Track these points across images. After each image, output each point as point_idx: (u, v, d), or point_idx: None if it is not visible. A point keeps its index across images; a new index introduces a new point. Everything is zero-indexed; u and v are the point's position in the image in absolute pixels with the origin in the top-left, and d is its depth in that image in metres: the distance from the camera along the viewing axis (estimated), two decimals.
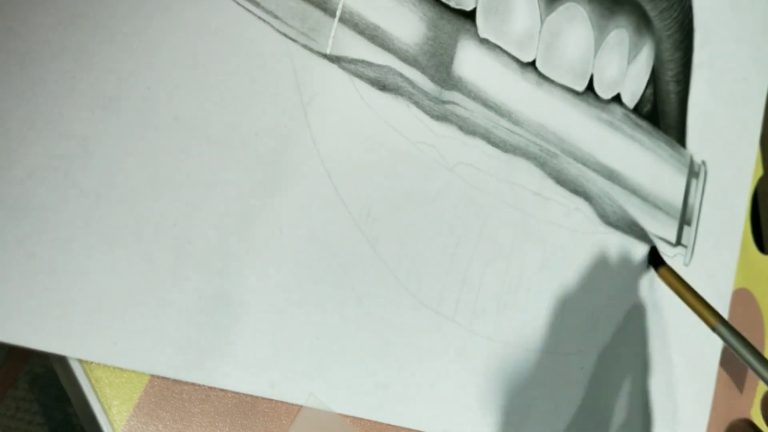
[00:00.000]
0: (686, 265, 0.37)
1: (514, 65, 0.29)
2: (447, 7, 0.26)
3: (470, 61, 0.27)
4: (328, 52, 0.23)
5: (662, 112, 0.36)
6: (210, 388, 0.21)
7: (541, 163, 0.30)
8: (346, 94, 0.24)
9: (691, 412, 0.37)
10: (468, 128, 0.27)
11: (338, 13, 0.23)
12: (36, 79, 0.18)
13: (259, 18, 0.21)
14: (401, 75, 0.25)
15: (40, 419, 0.30)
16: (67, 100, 0.18)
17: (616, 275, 0.33)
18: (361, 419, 0.24)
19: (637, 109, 0.34)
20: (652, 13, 0.34)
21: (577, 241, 0.31)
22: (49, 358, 0.19)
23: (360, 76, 0.24)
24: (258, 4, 0.21)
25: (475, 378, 0.27)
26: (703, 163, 0.38)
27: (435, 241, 0.26)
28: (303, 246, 0.23)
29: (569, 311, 0.31)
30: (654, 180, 0.35)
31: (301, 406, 0.23)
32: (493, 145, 0.28)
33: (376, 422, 0.24)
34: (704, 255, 0.38)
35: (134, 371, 0.19)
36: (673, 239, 0.36)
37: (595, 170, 0.32)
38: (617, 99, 0.33)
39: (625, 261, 0.34)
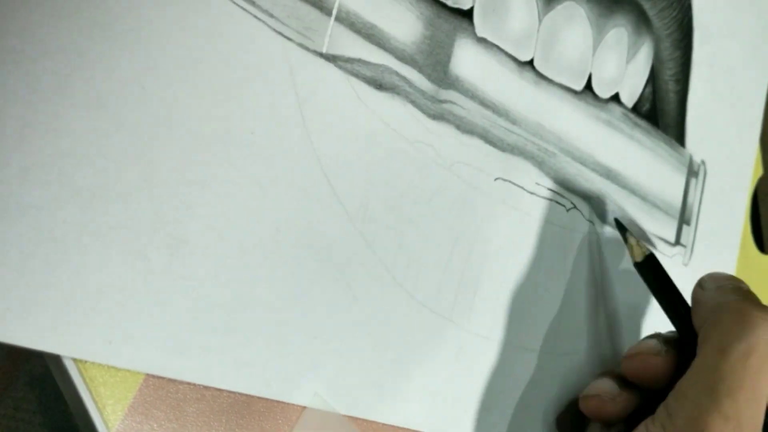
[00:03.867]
0: (685, 264, 0.37)
1: (512, 64, 0.29)
2: (444, 5, 0.26)
3: (467, 60, 0.27)
4: (324, 51, 0.23)
5: (661, 111, 0.36)
6: (205, 387, 0.21)
7: (539, 162, 0.30)
8: (343, 93, 0.24)
9: None
10: (465, 127, 0.27)
11: (334, 11, 0.23)
12: (30, 78, 0.18)
13: (255, 17, 0.21)
14: (398, 74, 0.25)
15: (40, 419, 0.30)
16: (62, 98, 0.18)
17: (616, 275, 0.33)
18: (357, 419, 0.24)
19: (635, 108, 0.34)
20: (651, 12, 0.34)
21: (575, 240, 0.31)
22: (45, 357, 0.19)
23: (356, 75, 0.24)
24: (254, 3, 0.21)
25: (472, 377, 0.27)
26: (703, 162, 0.38)
27: (432, 240, 0.26)
28: (299, 245, 0.23)
29: (567, 311, 0.31)
30: (653, 179, 0.35)
31: (305, 408, 0.23)
32: (490, 144, 0.28)
33: (372, 422, 0.24)
34: (704, 255, 0.38)
35: (129, 370, 0.19)
36: (672, 239, 0.36)
37: (593, 169, 0.32)
38: (616, 98, 0.33)
39: (624, 260, 0.34)
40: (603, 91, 0.32)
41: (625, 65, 0.33)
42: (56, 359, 0.19)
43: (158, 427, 0.20)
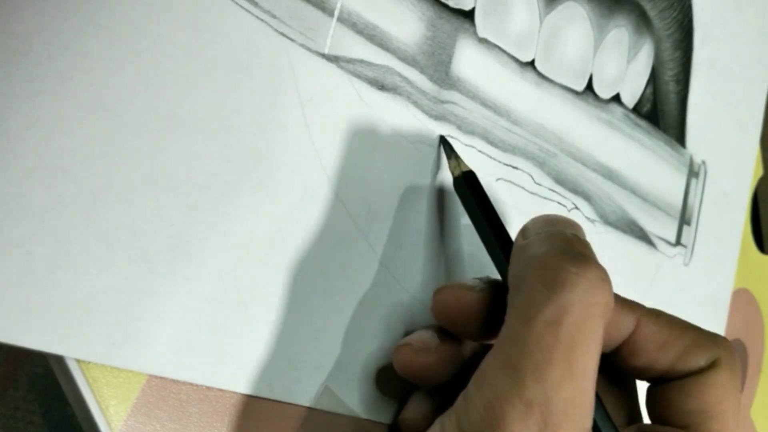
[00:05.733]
0: (686, 264, 0.37)
1: (513, 65, 0.29)
2: (446, 6, 0.26)
3: (469, 60, 0.27)
4: (326, 51, 0.23)
5: (662, 111, 0.36)
6: (208, 388, 0.21)
7: (540, 162, 0.30)
8: (345, 93, 0.24)
9: None
10: (467, 128, 0.27)
11: (336, 12, 0.23)
12: (34, 79, 0.18)
13: (257, 17, 0.21)
14: (400, 74, 0.25)
15: (40, 419, 0.30)
16: (65, 99, 0.18)
17: (616, 275, 0.33)
18: (360, 419, 0.24)
19: (636, 109, 0.34)
20: (652, 13, 0.34)
21: None
22: (47, 357, 0.19)
23: (358, 76, 0.24)
24: (256, 4, 0.21)
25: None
26: (703, 162, 0.38)
27: (434, 241, 0.26)
28: (301, 245, 0.23)
29: None
30: (653, 180, 0.35)
31: (310, 408, 0.23)
32: (492, 145, 0.28)
33: (374, 422, 0.24)
34: (704, 255, 0.38)
35: (132, 371, 0.19)
36: (673, 239, 0.36)
37: (594, 170, 0.32)
38: (617, 98, 0.33)
39: (624, 261, 0.34)
40: (604, 91, 0.32)
41: (625, 66, 0.33)
42: (59, 360, 0.19)
43: (161, 427, 0.20)
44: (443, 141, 0.26)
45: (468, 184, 0.24)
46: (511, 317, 0.19)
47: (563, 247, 0.19)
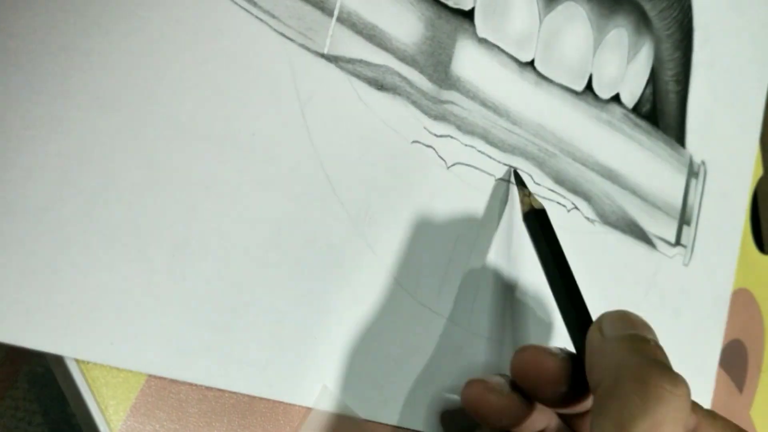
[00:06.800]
0: (686, 265, 0.37)
1: (513, 65, 0.29)
2: (445, 6, 0.26)
3: (468, 60, 0.27)
4: (325, 51, 0.23)
5: (661, 111, 0.36)
6: (207, 388, 0.21)
7: (539, 162, 0.30)
8: (344, 93, 0.24)
9: None
10: (466, 128, 0.27)
11: (336, 12, 0.23)
12: (33, 79, 0.18)
13: (257, 17, 0.21)
14: (399, 74, 0.25)
15: (40, 419, 0.30)
16: (64, 99, 0.18)
17: (615, 275, 0.33)
18: (360, 419, 0.24)
19: (636, 109, 0.34)
20: (652, 13, 0.34)
21: (575, 240, 0.31)
22: (47, 357, 0.19)
23: (358, 76, 0.24)
24: (255, 4, 0.21)
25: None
26: (703, 162, 0.38)
27: (433, 241, 0.26)
28: (300, 246, 0.23)
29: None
30: (653, 180, 0.35)
31: (311, 408, 0.23)
32: (491, 145, 0.28)
33: (374, 422, 0.24)
34: (704, 255, 0.38)
35: (131, 371, 0.19)
36: (673, 239, 0.36)
37: (594, 170, 0.32)
38: (616, 99, 0.33)
39: (624, 261, 0.34)
40: (603, 91, 0.32)
41: (625, 66, 0.33)
42: (58, 360, 0.19)
43: (160, 427, 0.20)
44: (516, 175, 0.28)
45: (538, 222, 0.26)
46: (605, 422, 0.20)
47: (653, 360, 0.21)
